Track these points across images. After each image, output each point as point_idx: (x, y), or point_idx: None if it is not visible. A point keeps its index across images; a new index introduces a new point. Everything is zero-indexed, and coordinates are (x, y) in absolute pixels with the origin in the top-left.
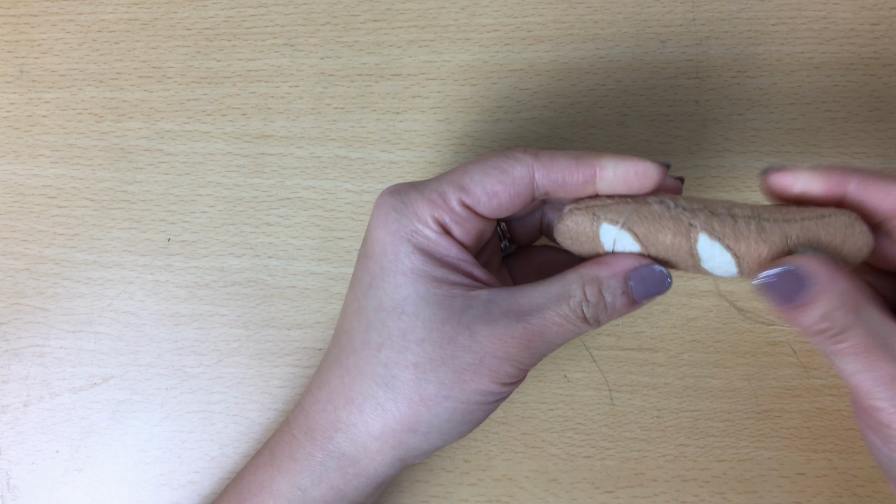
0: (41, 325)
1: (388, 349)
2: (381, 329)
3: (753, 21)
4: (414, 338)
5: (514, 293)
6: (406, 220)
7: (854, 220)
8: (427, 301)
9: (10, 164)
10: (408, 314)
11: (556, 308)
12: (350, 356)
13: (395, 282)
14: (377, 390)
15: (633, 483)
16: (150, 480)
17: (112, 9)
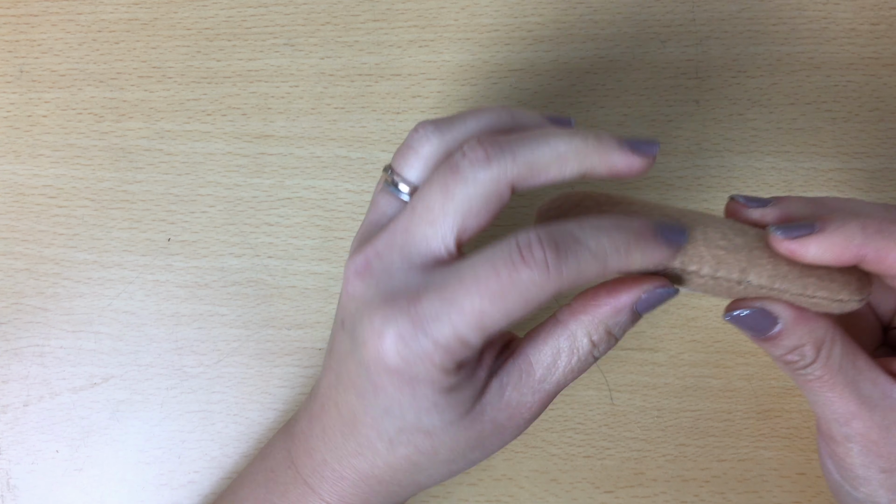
0: (41, 325)
1: (418, 456)
2: (408, 445)
3: (753, 21)
4: (445, 449)
5: (521, 365)
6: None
7: (848, 299)
8: (451, 422)
9: (10, 163)
10: (434, 435)
11: (566, 365)
12: (377, 458)
13: (418, 415)
14: (413, 476)
15: (634, 483)
16: (150, 480)
17: (112, 9)
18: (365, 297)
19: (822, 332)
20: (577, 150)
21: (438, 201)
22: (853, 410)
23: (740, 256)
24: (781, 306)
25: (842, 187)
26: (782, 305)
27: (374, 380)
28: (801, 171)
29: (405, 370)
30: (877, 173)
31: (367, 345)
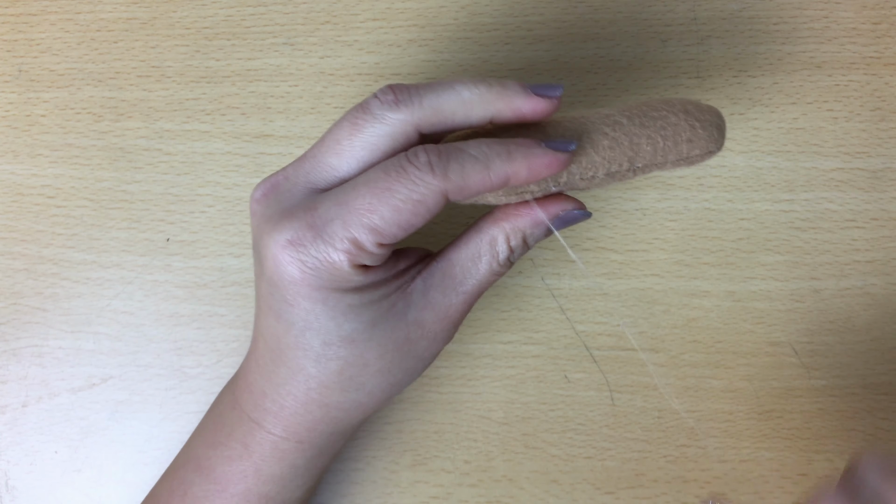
0: (40, 326)
1: (349, 369)
2: (336, 358)
3: (754, 20)
4: (373, 355)
5: (444, 267)
6: (326, 275)
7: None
8: (374, 323)
9: (8, 163)
10: (359, 341)
11: (486, 267)
12: (310, 380)
13: (337, 322)
14: (351, 395)
15: (634, 484)
16: (149, 481)
17: (111, 8)
18: (265, 214)
19: None
20: (482, 95)
21: (346, 135)
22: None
23: (624, 148)
24: None
25: (843, 187)
26: None
27: (286, 296)
28: (802, 170)
29: (310, 278)
30: (878, 173)
31: (268, 258)
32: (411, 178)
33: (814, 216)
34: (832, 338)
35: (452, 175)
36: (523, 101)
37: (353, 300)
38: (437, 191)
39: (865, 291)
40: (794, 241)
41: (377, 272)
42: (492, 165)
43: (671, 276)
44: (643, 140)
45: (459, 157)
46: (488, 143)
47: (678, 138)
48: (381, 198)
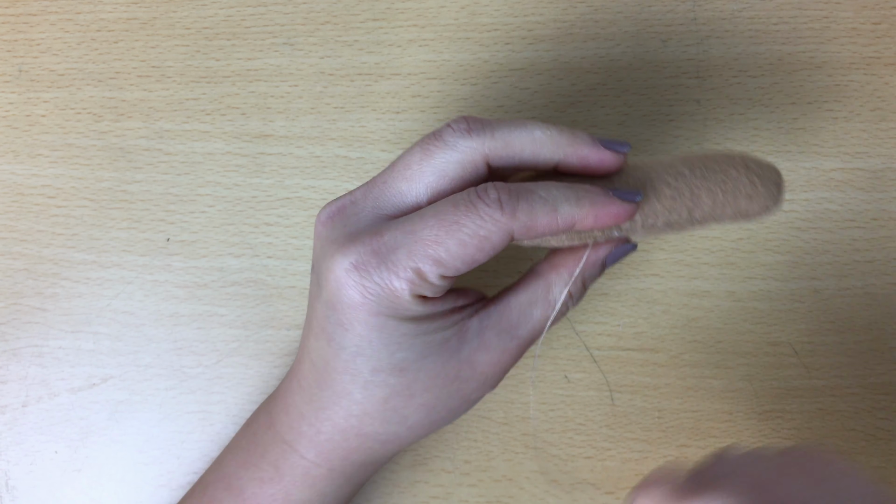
0: (40, 326)
1: (395, 399)
2: (383, 386)
3: (755, 20)
4: (420, 387)
5: (501, 309)
6: (387, 302)
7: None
8: (425, 355)
9: (8, 163)
10: (409, 371)
11: (542, 313)
12: (353, 405)
13: (390, 349)
14: (392, 427)
15: (634, 484)
16: (148, 481)
17: (111, 8)
18: (330, 237)
19: None
20: (553, 137)
21: (417, 160)
22: None
23: (685, 199)
24: None
25: (843, 187)
26: None
27: (342, 319)
28: (802, 170)
29: (370, 304)
30: (878, 173)
31: (329, 280)
32: (479, 214)
33: (814, 216)
34: (832, 338)
35: (521, 215)
36: (591, 151)
37: (409, 329)
38: (503, 229)
39: (865, 291)
40: (794, 241)
41: (435, 304)
42: (560, 209)
43: (671, 276)
44: (703, 192)
45: (529, 197)
46: (557, 187)
47: (738, 193)
48: (449, 231)
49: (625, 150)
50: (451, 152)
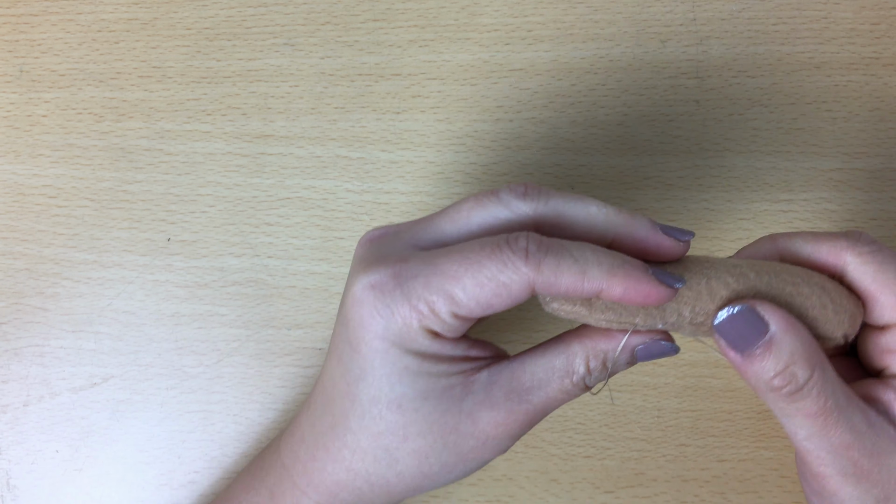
0: (41, 325)
1: (388, 437)
2: (379, 419)
3: (754, 21)
4: (415, 430)
5: (514, 368)
6: (395, 327)
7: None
8: (425, 396)
9: (9, 163)
10: (406, 409)
11: (558, 383)
12: (347, 434)
13: (390, 381)
14: (382, 469)
15: (634, 483)
16: (150, 480)
17: (112, 8)
18: (362, 257)
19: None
20: (608, 216)
21: (468, 207)
22: (848, 441)
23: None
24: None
25: (842, 187)
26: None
27: (350, 337)
28: (801, 170)
29: (378, 326)
30: (877, 173)
31: (347, 297)
32: (503, 259)
33: (813, 216)
34: None
35: (545, 268)
36: (648, 235)
37: (412, 364)
38: (524, 279)
39: None
40: None
41: (446, 345)
42: (588, 272)
43: None
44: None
45: (558, 252)
46: (594, 250)
47: (804, 313)
48: (469, 269)
49: (686, 239)
50: (503, 209)
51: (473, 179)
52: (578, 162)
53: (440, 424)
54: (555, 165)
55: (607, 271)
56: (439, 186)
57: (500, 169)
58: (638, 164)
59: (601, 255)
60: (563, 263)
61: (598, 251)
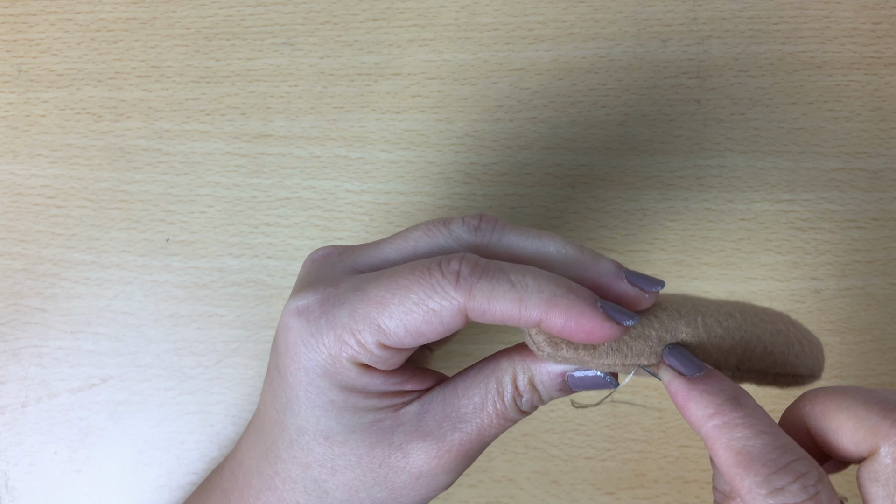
0: (39, 326)
1: (317, 469)
2: (307, 451)
3: (755, 20)
4: (343, 463)
5: (446, 394)
6: (319, 358)
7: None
8: (352, 430)
9: (8, 163)
10: (334, 442)
11: (491, 407)
12: (278, 463)
13: (315, 413)
14: (312, 501)
15: (635, 484)
16: (148, 481)
17: (110, 8)
18: (301, 278)
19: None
20: (567, 257)
21: (416, 235)
22: None
23: (735, 343)
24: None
25: (843, 187)
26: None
27: (279, 363)
28: (802, 170)
29: (303, 356)
30: (878, 173)
31: (280, 320)
32: (432, 283)
33: (814, 216)
34: (832, 338)
35: (477, 294)
36: (611, 282)
37: (337, 398)
38: (455, 306)
39: (866, 292)
40: (795, 241)
41: (376, 378)
42: (526, 300)
43: (671, 276)
44: (753, 339)
45: (494, 276)
46: (536, 275)
47: (787, 350)
48: (396, 294)
49: (654, 290)
50: (450, 242)
51: (473, 179)
52: (579, 162)
53: (369, 458)
54: (555, 165)
55: (547, 300)
56: (439, 186)
57: (500, 169)
58: (639, 163)
59: (544, 281)
60: (498, 289)
61: (540, 276)
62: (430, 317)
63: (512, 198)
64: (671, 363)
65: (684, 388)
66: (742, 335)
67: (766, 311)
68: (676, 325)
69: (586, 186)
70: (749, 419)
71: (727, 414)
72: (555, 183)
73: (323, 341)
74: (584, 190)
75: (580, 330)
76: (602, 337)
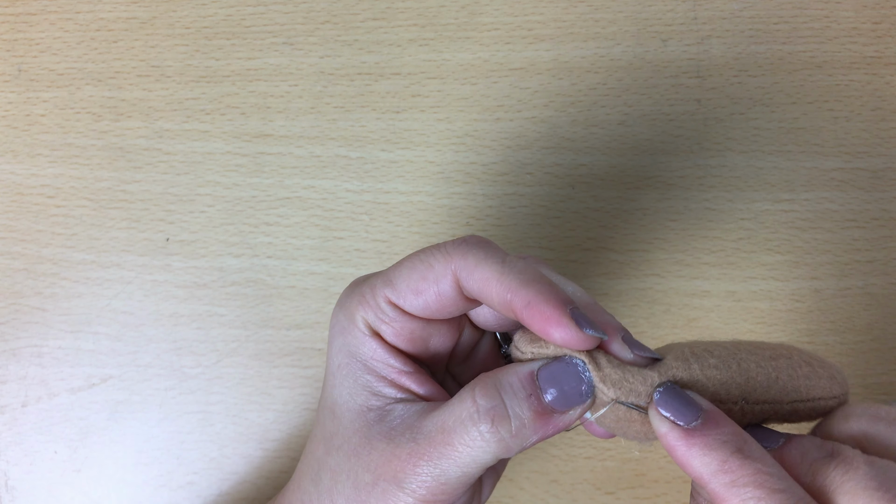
0: (39, 326)
1: (322, 446)
2: (322, 425)
3: (755, 20)
4: (336, 441)
5: (426, 413)
6: (342, 317)
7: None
8: (349, 407)
9: (8, 163)
10: (337, 417)
11: (463, 425)
12: (308, 444)
13: (331, 381)
14: (309, 485)
15: (635, 484)
16: (148, 481)
17: (111, 7)
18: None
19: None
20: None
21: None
22: None
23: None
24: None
25: (844, 187)
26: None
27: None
28: (802, 170)
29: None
30: (879, 172)
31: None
32: (437, 245)
33: (814, 216)
34: (832, 338)
35: (470, 257)
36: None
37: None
38: (447, 259)
39: (866, 291)
40: (795, 240)
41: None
42: (505, 278)
43: (671, 276)
44: (752, 365)
45: (490, 250)
46: (528, 264)
47: (794, 373)
48: (411, 257)
49: (595, 336)
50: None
51: (473, 179)
52: (579, 161)
53: (349, 443)
54: (555, 165)
55: (524, 280)
56: (439, 186)
57: (500, 168)
58: (639, 163)
59: (531, 269)
60: (488, 259)
61: (530, 266)
62: (427, 272)
63: (512, 198)
64: (665, 412)
65: (683, 444)
66: (738, 362)
67: (761, 343)
68: (666, 361)
69: (586, 186)
70: (758, 476)
71: (734, 471)
72: (555, 183)
73: (351, 300)
74: (584, 190)
75: (540, 316)
76: (567, 340)
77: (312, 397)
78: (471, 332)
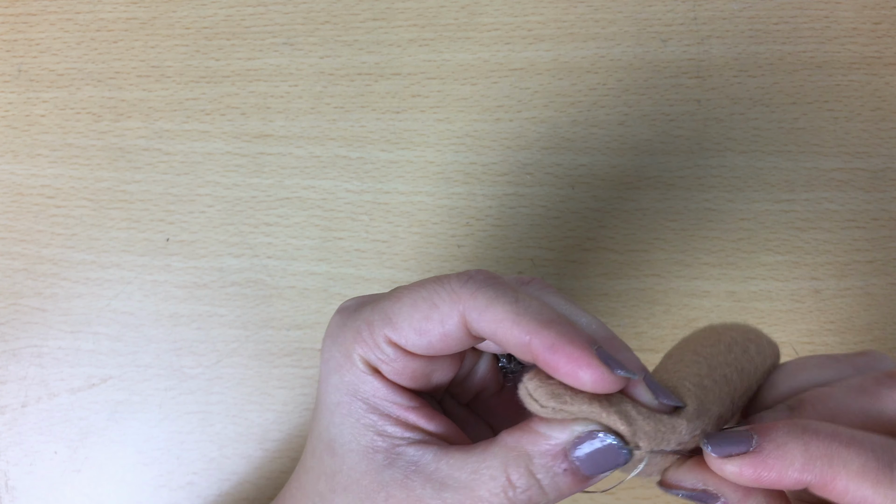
0: (39, 326)
1: (324, 482)
2: (319, 460)
3: (755, 20)
4: (342, 481)
5: (440, 457)
6: (337, 352)
7: None
8: (351, 448)
9: (8, 163)
10: (337, 455)
11: (478, 490)
12: (301, 474)
13: (328, 418)
14: None
15: (635, 484)
16: (148, 481)
17: (111, 8)
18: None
19: None
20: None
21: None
22: None
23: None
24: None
25: (844, 187)
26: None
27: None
28: (802, 170)
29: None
30: (879, 173)
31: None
32: (443, 282)
33: (814, 216)
34: (833, 338)
35: (480, 296)
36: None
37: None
38: (455, 300)
39: (866, 291)
40: (795, 241)
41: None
42: (522, 319)
43: (671, 276)
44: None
45: (501, 289)
46: (542, 303)
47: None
48: (413, 292)
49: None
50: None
51: (473, 179)
52: (579, 161)
53: (357, 485)
54: (555, 165)
55: (542, 321)
56: (439, 186)
57: (500, 169)
58: (639, 163)
59: (547, 308)
60: (500, 298)
61: (545, 305)
62: (432, 311)
63: (512, 198)
64: (725, 451)
65: (763, 467)
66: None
67: (707, 335)
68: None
69: (586, 186)
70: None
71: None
72: (555, 183)
73: (345, 335)
74: (584, 190)
75: (566, 359)
76: (594, 383)
77: (312, 397)
78: (471, 355)
